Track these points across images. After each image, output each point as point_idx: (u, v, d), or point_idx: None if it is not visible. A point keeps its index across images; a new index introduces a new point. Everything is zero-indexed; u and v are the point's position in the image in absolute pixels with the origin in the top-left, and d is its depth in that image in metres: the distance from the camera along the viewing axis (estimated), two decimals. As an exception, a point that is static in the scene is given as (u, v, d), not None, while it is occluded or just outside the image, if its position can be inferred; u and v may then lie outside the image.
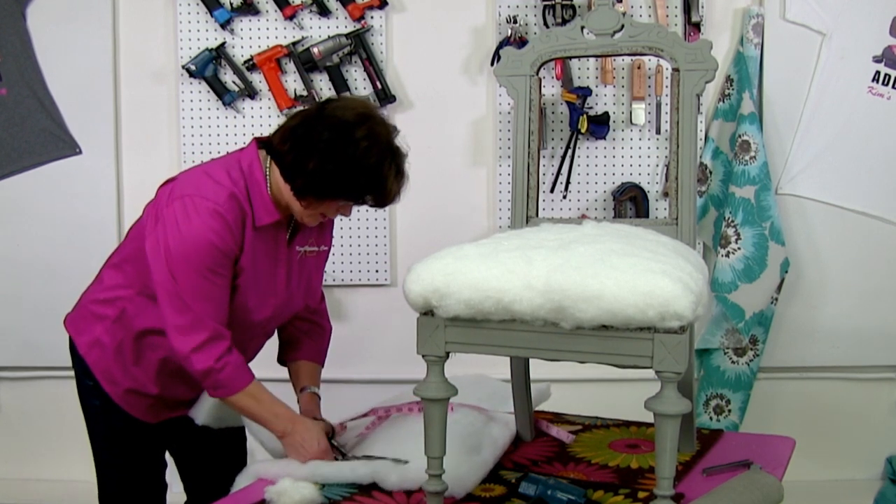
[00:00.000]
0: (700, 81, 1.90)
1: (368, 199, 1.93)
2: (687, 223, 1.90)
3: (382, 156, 1.87)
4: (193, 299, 1.86)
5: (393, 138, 1.91)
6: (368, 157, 1.86)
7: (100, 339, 2.07)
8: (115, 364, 2.06)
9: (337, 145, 1.85)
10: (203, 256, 1.85)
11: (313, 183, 1.88)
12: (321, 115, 1.89)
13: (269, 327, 2.13)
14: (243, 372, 1.94)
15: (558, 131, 3.18)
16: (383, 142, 1.88)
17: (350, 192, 1.90)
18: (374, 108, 1.94)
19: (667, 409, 1.52)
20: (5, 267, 3.30)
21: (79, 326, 2.12)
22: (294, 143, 1.88)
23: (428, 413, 1.68)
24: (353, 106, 1.91)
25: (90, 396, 2.12)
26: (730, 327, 3.16)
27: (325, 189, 1.89)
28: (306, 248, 2.10)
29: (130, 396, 2.07)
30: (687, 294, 1.47)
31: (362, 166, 1.86)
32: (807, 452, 2.46)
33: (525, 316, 1.55)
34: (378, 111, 1.95)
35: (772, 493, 1.73)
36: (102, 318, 2.07)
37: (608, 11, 1.97)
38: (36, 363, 3.32)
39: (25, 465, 3.42)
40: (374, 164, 1.86)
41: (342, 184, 1.88)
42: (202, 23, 3.17)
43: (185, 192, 1.89)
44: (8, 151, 3.23)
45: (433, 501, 1.73)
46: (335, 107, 1.91)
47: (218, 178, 1.91)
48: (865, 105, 3.14)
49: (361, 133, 1.85)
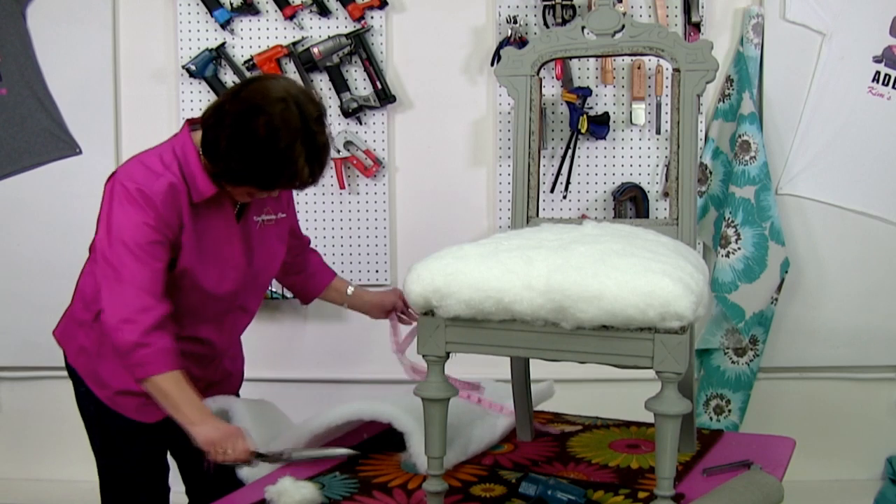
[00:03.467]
0: (700, 82, 1.90)
1: (284, 186, 1.94)
2: (687, 223, 1.90)
3: (289, 140, 1.84)
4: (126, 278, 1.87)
5: (307, 121, 1.86)
6: (271, 145, 1.84)
7: (83, 345, 2.11)
8: (100, 366, 2.08)
9: (240, 131, 1.85)
10: (132, 236, 1.88)
11: (223, 169, 1.91)
12: (234, 98, 1.90)
13: (239, 300, 2.12)
14: (168, 359, 1.89)
15: (558, 131, 3.18)
16: (291, 126, 1.84)
17: (258, 181, 1.90)
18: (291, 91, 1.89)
19: (667, 409, 1.52)
20: (5, 266, 3.30)
21: (65, 335, 2.17)
22: (209, 126, 1.91)
23: (428, 413, 1.68)
24: (264, 90, 1.87)
25: (85, 404, 2.15)
26: (730, 327, 3.16)
27: (234, 176, 1.91)
28: (263, 218, 2.11)
29: (120, 397, 2.09)
30: (687, 294, 1.47)
31: (264, 154, 1.85)
32: (807, 452, 2.45)
33: (525, 316, 1.55)
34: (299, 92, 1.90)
35: (772, 494, 1.73)
36: (82, 323, 2.10)
37: (609, 11, 1.97)
38: (36, 363, 3.32)
39: (25, 465, 3.42)
40: (281, 150, 1.84)
41: (248, 172, 1.88)
42: (202, 23, 3.17)
43: (116, 180, 1.95)
44: (8, 151, 3.23)
45: (433, 501, 1.73)
46: (249, 90, 1.89)
47: (148, 163, 1.95)
48: (865, 105, 3.14)
49: (263, 119, 1.83)
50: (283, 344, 3.29)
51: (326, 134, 1.92)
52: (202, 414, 1.91)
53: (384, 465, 2.03)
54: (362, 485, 1.91)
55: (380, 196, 3.24)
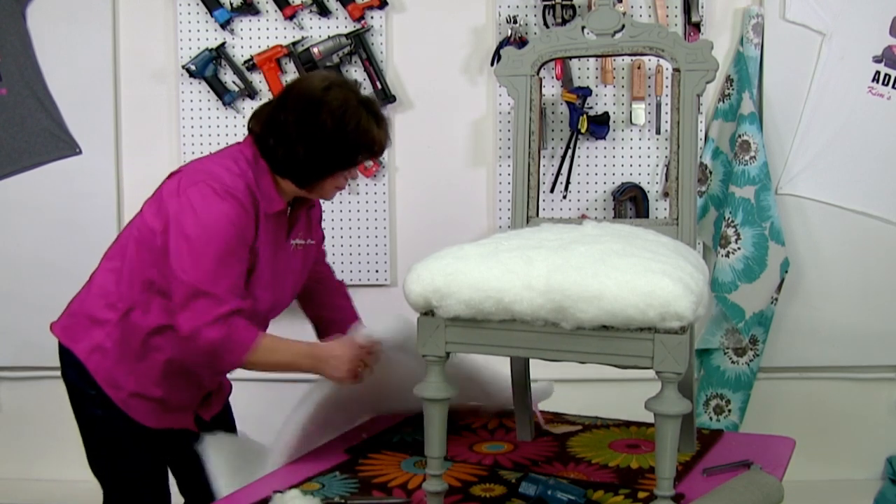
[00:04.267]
0: (700, 82, 1.90)
1: (366, 158, 2.03)
2: (687, 223, 1.90)
3: (357, 115, 1.95)
4: (212, 283, 1.86)
5: (359, 93, 2.00)
6: (346, 126, 1.94)
7: (100, 345, 2.04)
8: (117, 368, 2.04)
9: (310, 131, 1.93)
10: (222, 239, 1.87)
11: (308, 170, 1.97)
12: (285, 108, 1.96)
13: (266, 319, 2.14)
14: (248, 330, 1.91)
15: (558, 131, 3.18)
16: (352, 103, 1.96)
17: (344, 162, 1.99)
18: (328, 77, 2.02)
19: (667, 409, 1.52)
20: (5, 266, 3.30)
21: (74, 334, 2.08)
22: (272, 146, 1.97)
23: (428, 413, 1.68)
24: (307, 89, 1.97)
25: (91, 406, 2.08)
26: (730, 327, 3.16)
27: (321, 170, 1.98)
28: (297, 241, 2.13)
29: (134, 400, 2.06)
30: (687, 294, 1.47)
31: (343, 137, 1.94)
32: (807, 452, 2.45)
33: (525, 316, 1.55)
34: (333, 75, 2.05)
35: (772, 494, 1.73)
36: (103, 322, 2.04)
37: (609, 11, 1.97)
38: (36, 363, 3.32)
39: (25, 465, 3.42)
40: (354, 129, 1.95)
41: (334, 160, 1.97)
42: (202, 23, 3.17)
43: (198, 179, 1.92)
44: (8, 151, 3.23)
45: (433, 501, 1.73)
46: (294, 96, 1.97)
47: (229, 167, 1.95)
48: (865, 105, 3.14)
49: (325, 110, 1.93)
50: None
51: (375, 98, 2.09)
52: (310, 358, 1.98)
53: (384, 465, 2.03)
54: (362, 485, 1.91)
55: (380, 196, 3.24)
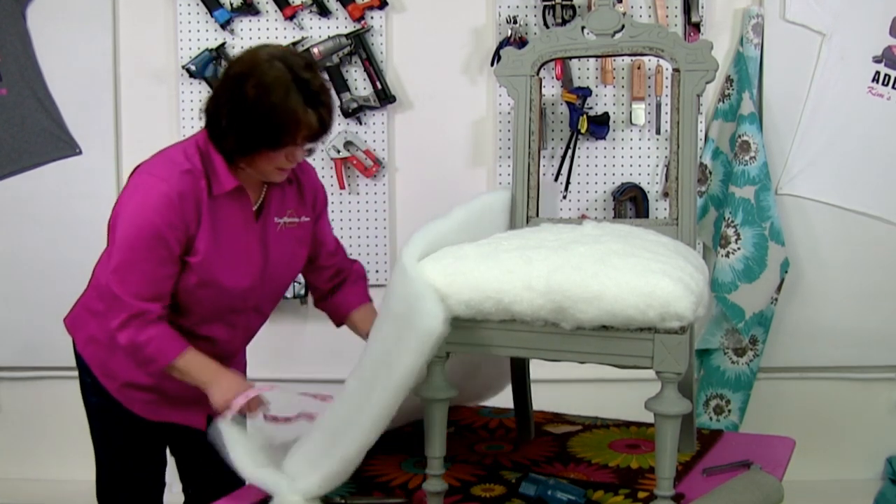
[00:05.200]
0: (700, 82, 1.90)
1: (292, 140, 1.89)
2: (687, 223, 1.90)
3: (283, 92, 1.84)
4: (124, 277, 1.88)
5: (295, 71, 1.86)
6: (266, 101, 1.84)
7: (94, 335, 2.09)
8: (110, 357, 2.07)
9: (233, 102, 1.87)
10: (140, 234, 1.88)
11: (232, 145, 1.90)
12: (224, 77, 1.93)
13: (253, 301, 2.11)
14: (171, 344, 1.92)
15: (558, 131, 3.18)
16: (281, 81, 1.84)
17: (266, 140, 1.88)
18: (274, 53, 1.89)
19: (667, 409, 1.52)
20: (5, 267, 3.30)
21: (76, 324, 2.16)
22: (210, 114, 1.93)
23: (428, 413, 1.68)
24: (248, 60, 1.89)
25: (89, 393, 2.14)
26: (730, 327, 3.16)
27: (243, 146, 1.90)
28: (285, 220, 2.09)
29: (127, 390, 2.09)
30: (687, 295, 1.47)
31: (263, 112, 1.84)
32: (807, 452, 2.45)
33: (525, 316, 1.55)
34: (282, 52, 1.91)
35: (772, 494, 1.73)
36: (95, 313, 2.09)
37: (609, 12, 1.97)
38: (36, 363, 3.32)
39: (25, 465, 3.42)
40: (275, 105, 1.84)
41: (254, 137, 1.87)
42: (202, 23, 3.17)
43: (139, 172, 1.95)
44: (8, 151, 3.23)
45: (433, 501, 1.73)
46: (234, 64, 1.92)
47: (172, 157, 1.95)
48: (865, 105, 3.14)
49: (252, 82, 1.84)
50: (283, 344, 3.29)
51: (320, 78, 1.91)
52: (214, 375, 1.95)
53: (384, 465, 2.03)
54: (362, 485, 1.91)
55: (380, 196, 3.24)
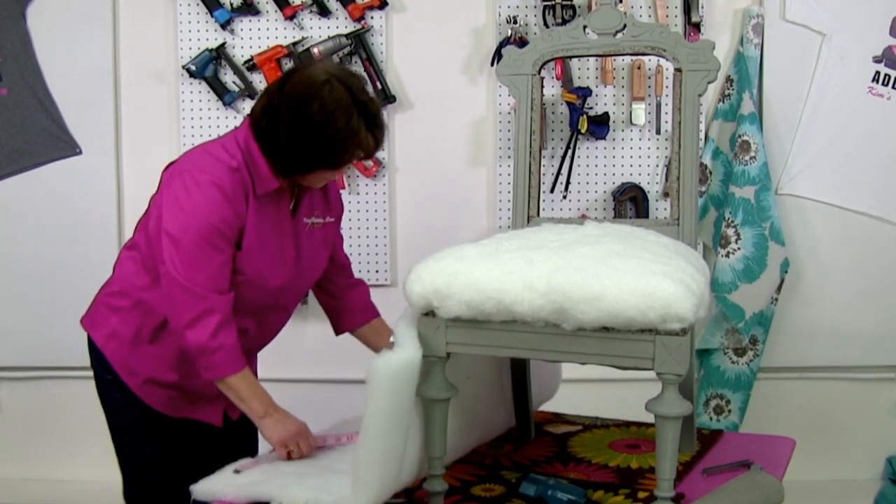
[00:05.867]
0: (702, 82, 1.90)
1: (352, 160, 1.97)
2: (688, 223, 1.90)
3: (348, 115, 1.89)
4: (190, 273, 1.89)
5: (356, 94, 1.91)
6: (333, 123, 1.88)
7: (116, 331, 2.09)
8: (132, 354, 2.08)
9: (296, 123, 1.89)
10: (200, 230, 1.88)
11: (290, 162, 1.94)
12: (281, 93, 1.93)
13: (283, 299, 2.13)
14: (236, 358, 1.95)
15: (558, 131, 3.18)
16: (344, 104, 1.89)
17: (328, 161, 1.94)
18: (331, 71, 1.94)
19: (667, 410, 1.52)
20: (5, 267, 3.30)
21: (94, 321, 2.14)
22: (264, 128, 1.94)
23: (428, 413, 1.68)
24: (307, 79, 1.92)
25: (110, 390, 2.12)
26: (730, 327, 3.16)
27: (303, 165, 1.94)
28: (313, 220, 2.12)
29: (149, 386, 2.08)
30: (688, 296, 1.47)
31: (328, 134, 1.89)
32: (807, 452, 2.45)
33: (526, 317, 1.55)
34: (338, 70, 1.95)
35: (772, 494, 1.73)
36: (117, 309, 2.09)
37: (610, 11, 1.97)
38: (36, 363, 3.32)
39: (25, 465, 3.42)
40: (341, 128, 1.89)
41: (316, 157, 1.92)
42: (202, 23, 3.17)
43: (183, 169, 1.95)
44: (8, 151, 3.22)
45: (433, 501, 1.73)
46: (293, 83, 1.93)
47: (216, 154, 1.96)
48: (865, 105, 3.14)
49: (317, 105, 1.87)
50: (284, 344, 3.28)
51: (375, 100, 1.97)
52: (270, 407, 1.98)
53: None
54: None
55: (380, 196, 3.24)
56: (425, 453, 1.73)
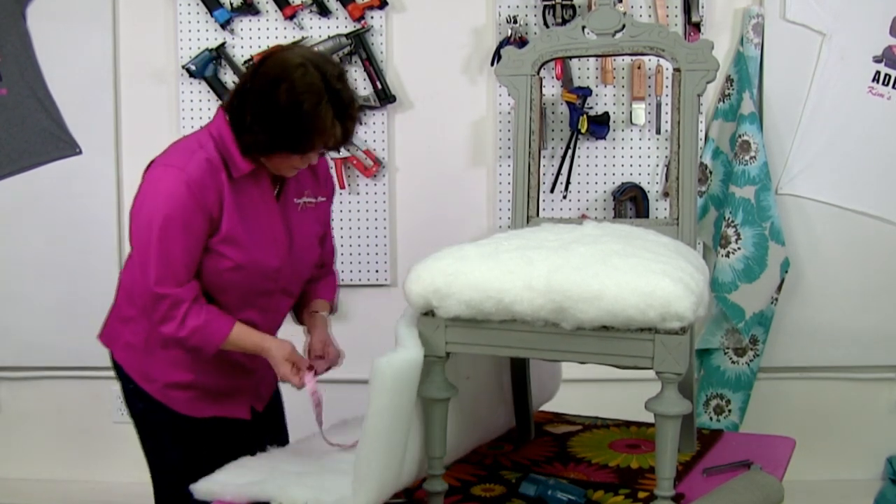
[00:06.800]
0: (701, 81, 1.90)
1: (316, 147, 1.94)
2: (688, 223, 1.90)
3: (316, 100, 1.87)
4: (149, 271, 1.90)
5: (329, 81, 1.89)
6: (298, 107, 1.86)
7: (129, 341, 2.11)
8: (146, 360, 2.09)
9: (263, 102, 1.88)
10: (165, 222, 1.89)
11: (254, 141, 1.93)
12: (255, 74, 1.93)
13: (283, 282, 2.11)
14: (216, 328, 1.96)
15: (558, 131, 3.18)
16: (315, 89, 1.87)
17: (289, 145, 1.92)
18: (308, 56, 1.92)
19: (667, 409, 1.52)
20: (5, 267, 3.30)
21: (109, 336, 2.17)
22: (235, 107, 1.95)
23: (428, 413, 1.68)
24: (282, 61, 1.91)
25: (134, 400, 2.14)
26: (730, 327, 3.16)
27: (265, 145, 1.93)
28: (304, 200, 2.12)
29: (169, 390, 2.09)
30: (688, 295, 1.47)
31: (292, 118, 1.87)
32: (807, 452, 2.46)
33: (526, 316, 1.55)
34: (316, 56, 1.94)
35: (772, 494, 1.73)
36: (127, 319, 2.11)
37: (609, 11, 1.97)
38: (36, 363, 3.32)
39: (25, 465, 3.42)
40: (306, 113, 1.86)
41: (279, 139, 1.90)
42: (202, 23, 3.17)
43: (155, 165, 1.97)
44: (8, 151, 3.22)
45: (433, 501, 1.73)
46: (267, 65, 1.93)
47: (187, 147, 1.97)
48: (865, 105, 3.14)
49: (285, 86, 1.86)
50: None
51: (351, 90, 1.95)
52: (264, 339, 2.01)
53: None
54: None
55: (380, 196, 3.24)
56: (425, 453, 1.73)
